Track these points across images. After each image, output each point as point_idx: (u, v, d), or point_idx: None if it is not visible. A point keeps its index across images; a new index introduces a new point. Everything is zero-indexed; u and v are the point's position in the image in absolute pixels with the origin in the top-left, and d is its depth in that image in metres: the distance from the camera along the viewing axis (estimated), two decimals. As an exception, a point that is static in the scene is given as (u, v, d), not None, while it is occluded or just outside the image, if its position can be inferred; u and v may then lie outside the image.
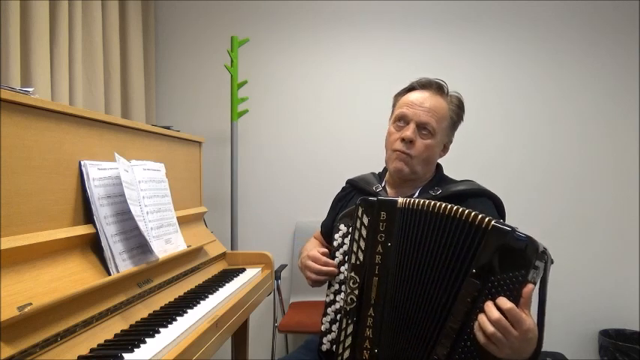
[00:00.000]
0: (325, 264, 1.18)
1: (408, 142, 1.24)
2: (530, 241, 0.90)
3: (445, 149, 1.33)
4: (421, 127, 1.25)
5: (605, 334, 2.54)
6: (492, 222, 0.94)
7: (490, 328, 0.87)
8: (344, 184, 1.50)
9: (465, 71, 2.65)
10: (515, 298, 0.89)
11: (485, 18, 2.64)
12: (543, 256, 0.90)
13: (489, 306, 0.89)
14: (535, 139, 2.65)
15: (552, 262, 0.94)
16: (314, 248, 1.27)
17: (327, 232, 1.45)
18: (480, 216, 0.96)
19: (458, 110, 1.31)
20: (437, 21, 2.66)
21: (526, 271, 0.89)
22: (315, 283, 1.22)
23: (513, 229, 0.92)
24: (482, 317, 0.90)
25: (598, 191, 2.62)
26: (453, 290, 0.97)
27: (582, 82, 2.62)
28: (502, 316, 0.87)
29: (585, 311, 2.62)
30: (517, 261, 0.90)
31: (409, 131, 1.24)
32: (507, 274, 0.90)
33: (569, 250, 2.62)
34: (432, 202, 1.04)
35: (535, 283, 0.91)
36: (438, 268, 1.00)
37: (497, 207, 1.24)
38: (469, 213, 0.98)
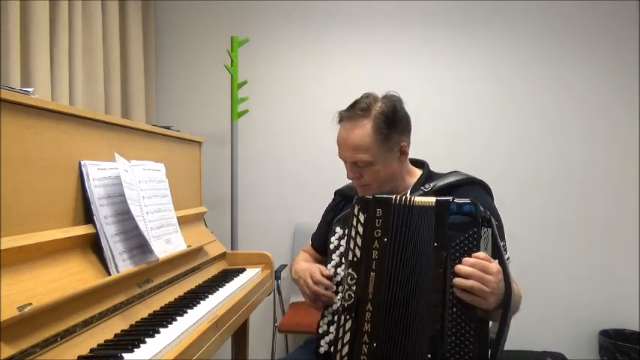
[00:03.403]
0: (318, 282, 1.17)
1: (355, 179, 1.30)
2: (471, 204, 1.02)
3: (403, 153, 1.28)
4: (356, 163, 1.26)
5: (605, 334, 2.54)
6: (434, 198, 1.06)
7: (468, 282, 0.95)
8: (333, 195, 1.50)
9: (466, 71, 2.65)
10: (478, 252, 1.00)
11: (488, 18, 2.64)
12: (486, 214, 1.03)
13: (459, 267, 0.98)
14: (537, 141, 2.64)
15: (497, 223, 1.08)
16: (312, 266, 1.25)
17: (319, 243, 1.44)
18: (426, 198, 1.08)
19: (383, 118, 1.23)
20: (440, 22, 2.65)
21: (478, 229, 1.01)
22: (312, 303, 1.21)
23: (453, 198, 1.04)
24: (457, 279, 0.98)
25: (598, 192, 2.62)
26: (430, 270, 1.03)
27: (586, 83, 2.61)
28: (473, 269, 0.96)
29: (585, 311, 2.62)
30: (466, 223, 1.02)
31: (349, 172, 1.30)
32: (464, 236, 1.01)
33: (570, 250, 2.62)
34: (425, 198, 1.09)
35: (489, 239, 1.03)
36: (426, 259, 1.05)
37: (487, 192, 1.28)
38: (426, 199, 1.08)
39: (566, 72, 2.62)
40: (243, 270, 1.71)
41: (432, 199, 1.06)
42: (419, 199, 1.09)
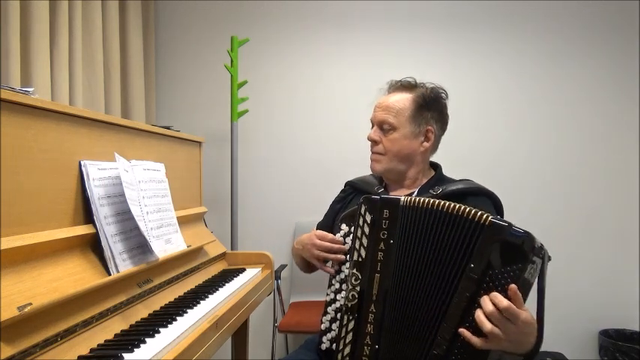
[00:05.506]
0: (332, 241, 1.20)
1: (373, 142, 1.33)
2: (527, 236, 0.92)
3: (427, 139, 1.31)
4: (381, 125, 1.31)
5: (605, 334, 2.54)
6: (490, 218, 0.96)
7: (488, 326, 0.88)
8: (343, 185, 1.50)
9: (466, 72, 2.65)
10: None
11: (487, 18, 2.64)
12: (540, 251, 0.92)
13: (486, 301, 0.90)
14: (535, 140, 2.64)
15: (550, 259, 0.96)
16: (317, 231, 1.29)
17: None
18: (478, 212, 0.98)
19: (424, 96, 1.30)
20: (439, 22, 2.65)
21: (523, 265, 0.90)
22: (319, 262, 1.25)
23: (510, 225, 0.94)
24: (479, 314, 0.90)
25: (598, 191, 2.62)
26: (452, 286, 0.98)
27: (585, 83, 2.61)
28: (498, 312, 0.88)
29: (585, 311, 2.62)
30: (514, 255, 0.92)
31: (371, 133, 1.34)
32: (505, 268, 0.92)
33: (570, 250, 2.62)
34: (434, 200, 1.06)
35: (531, 278, 0.92)
36: (437, 266, 1.02)
37: (495, 205, 1.26)
38: (468, 210, 1.00)
39: (567, 72, 2.62)
40: (243, 270, 1.71)
41: (487, 216, 0.97)
42: (459, 207, 1.01)
